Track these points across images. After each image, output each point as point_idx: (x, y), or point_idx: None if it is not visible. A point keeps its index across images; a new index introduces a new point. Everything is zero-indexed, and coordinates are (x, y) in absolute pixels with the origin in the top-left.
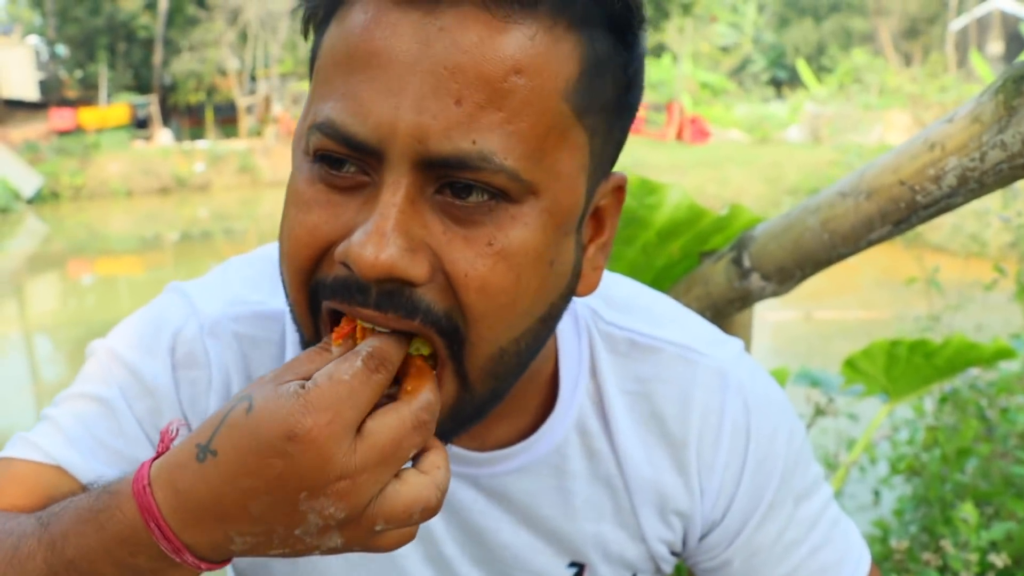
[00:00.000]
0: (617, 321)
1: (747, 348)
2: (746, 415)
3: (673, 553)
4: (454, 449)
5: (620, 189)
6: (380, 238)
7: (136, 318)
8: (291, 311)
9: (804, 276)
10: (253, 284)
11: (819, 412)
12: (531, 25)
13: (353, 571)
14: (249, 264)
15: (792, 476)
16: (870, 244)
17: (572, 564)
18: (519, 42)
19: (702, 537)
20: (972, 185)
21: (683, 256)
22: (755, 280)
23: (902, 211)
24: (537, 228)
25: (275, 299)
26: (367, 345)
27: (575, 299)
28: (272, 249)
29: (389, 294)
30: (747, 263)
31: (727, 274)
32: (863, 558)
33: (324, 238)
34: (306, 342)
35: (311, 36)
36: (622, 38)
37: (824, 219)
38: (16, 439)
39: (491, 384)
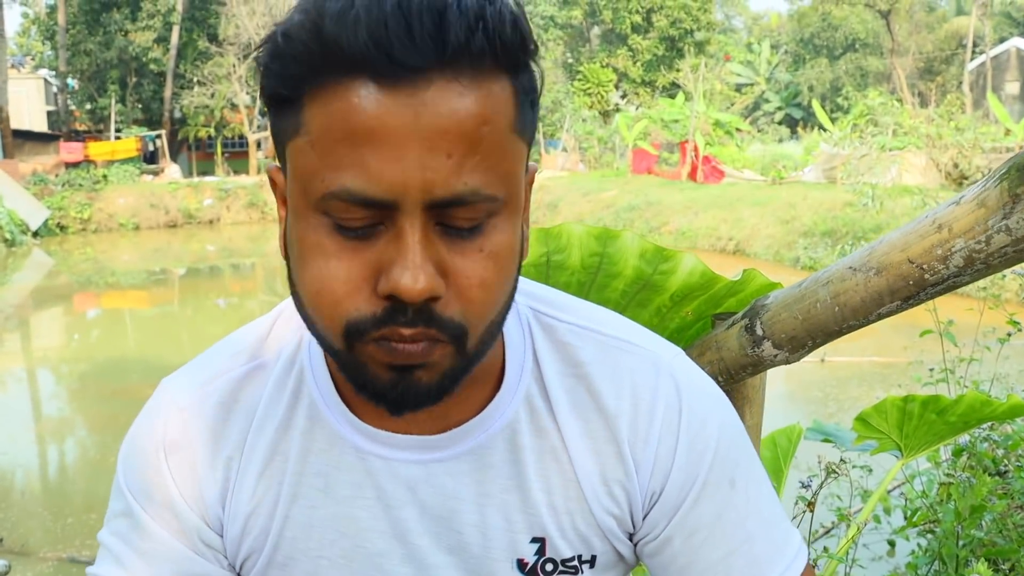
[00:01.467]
0: (558, 315)
1: (759, 406)
2: (678, 397)
3: (628, 535)
4: (413, 438)
5: (532, 173)
6: (417, 270)
7: (136, 424)
8: (329, 348)
9: (815, 345)
10: (217, 359)
11: (831, 472)
12: (485, 85)
13: (343, 573)
14: (220, 343)
15: (726, 460)
16: (880, 318)
17: (534, 540)
18: (481, 100)
19: (645, 515)
20: (978, 266)
21: (696, 319)
22: (768, 348)
23: (911, 288)
24: (508, 228)
25: (237, 363)
26: None
27: (516, 298)
28: (241, 330)
29: (420, 311)
30: (760, 331)
31: (740, 341)
32: (800, 556)
33: (357, 281)
34: (344, 366)
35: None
36: (529, 67)
37: (835, 292)
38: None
39: (481, 348)
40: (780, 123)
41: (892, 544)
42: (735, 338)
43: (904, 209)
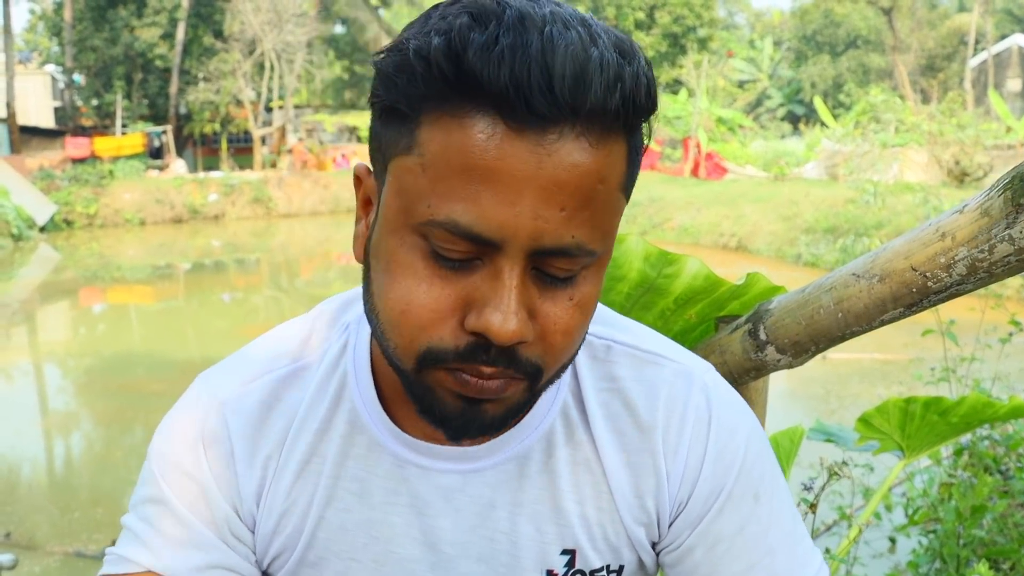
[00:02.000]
0: (595, 331)
1: (762, 408)
2: (708, 409)
3: (652, 545)
4: (451, 449)
5: None
6: (511, 315)
7: (170, 417)
8: (396, 365)
9: (819, 350)
10: (260, 357)
11: (833, 475)
12: (607, 144)
13: None
14: (260, 339)
15: (751, 473)
16: (882, 324)
17: (564, 552)
18: (601, 159)
19: (671, 523)
20: (981, 275)
21: (700, 321)
22: (771, 353)
23: (914, 295)
24: (597, 279)
25: (280, 365)
26: None
27: None
28: (286, 325)
29: (503, 351)
30: (763, 336)
31: (743, 345)
32: (821, 572)
33: (445, 310)
34: (411, 387)
35: (378, 114)
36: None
37: (838, 298)
38: (108, 556)
39: (548, 386)
40: (782, 119)
41: (893, 541)
42: (738, 342)
43: (906, 206)
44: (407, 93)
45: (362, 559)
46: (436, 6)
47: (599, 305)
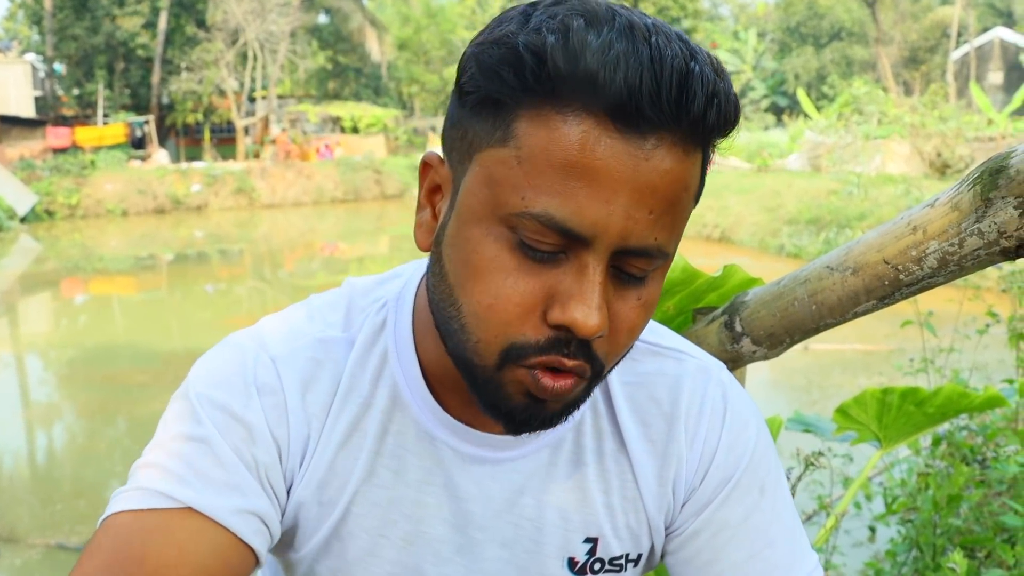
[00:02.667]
0: None
1: None
2: (723, 401)
3: (665, 529)
4: (488, 436)
5: None
6: (595, 310)
7: (211, 362)
8: (469, 361)
9: (793, 342)
10: (308, 320)
11: (810, 465)
12: (695, 154)
13: (399, 555)
14: (304, 306)
15: (759, 466)
16: (855, 316)
17: (587, 540)
18: (689, 168)
19: (682, 505)
20: (952, 268)
21: (677, 312)
22: (747, 344)
23: (886, 288)
24: (661, 280)
25: (330, 330)
26: None
27: None
28: (322, 297)
29: (582, 344)
30: (739, 328)
31: (719, 337)
32: (816, 573)
33: (531, 303)
34: (483, 383)
35: (468, 102)
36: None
37: (812, 291)
38: (118, 496)
39: (597, 383)
40: (766, 111)
41: (872, 530)
42: (715, 334)
43: (888, 198)
44: (511, 85)
45: (391, 536)
46: (534, 4)
47: None
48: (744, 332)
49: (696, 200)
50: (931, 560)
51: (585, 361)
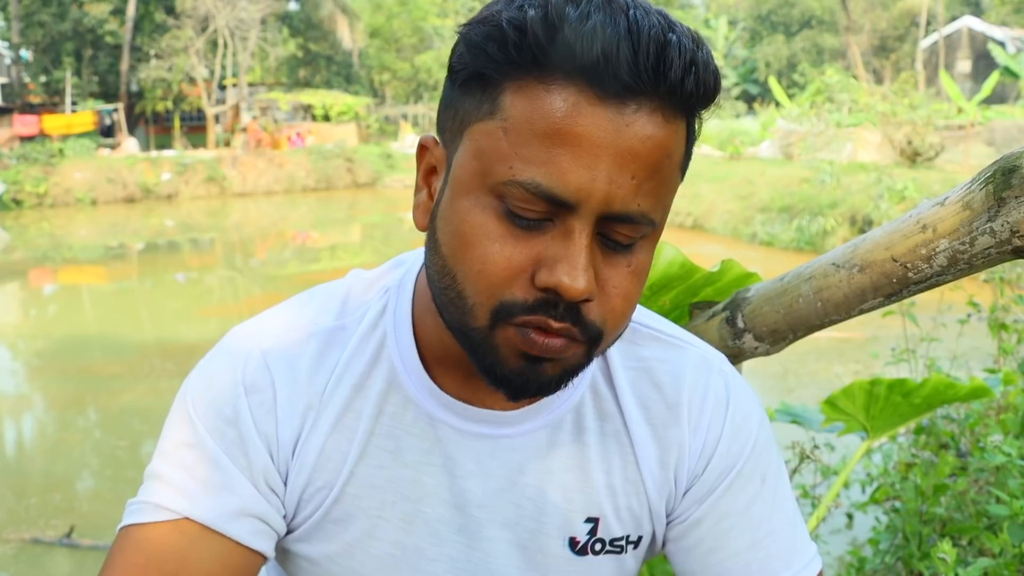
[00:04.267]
0: None
1: None
2: (726, 392)
3: (667, 515)
4: (486, 412)
5: None
6: (580, 272)
7: (207, 362)
8: (465, 324)
9: (796, 338)
10: (304, 311)
11: (804, 458)
12: (675, 121)
13: (399, 536)
14: (304, 296)
15: (760, 456)
16: (861, 312)
17: (588, 520)
18: (671, 135)
19: (685, 493)
20: (962, 266)
21: (674, 307)
22: (749, 340)
23: (894, 285)
24: (650, 250)
25: (324, 319)
26: None
27: None
28: (323, 287)
29: (569, 309)
30: (741, 323)
31: (720, 332)
32: (815, 562)
33: (518, 267)
34: (477, 346)
35: (458, 80)
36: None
37: (817, 287)
38: (131, 507)
39: (603, 351)
40: (737, 99)
41: (850, 517)
42: (716, 329)
43: (860, 185)
44: (496, 60)
45: (390, 517)
46: None
47: None
48: (746, 328)
49: (682, 173)
50: (916, 549)
51: (573, 324)
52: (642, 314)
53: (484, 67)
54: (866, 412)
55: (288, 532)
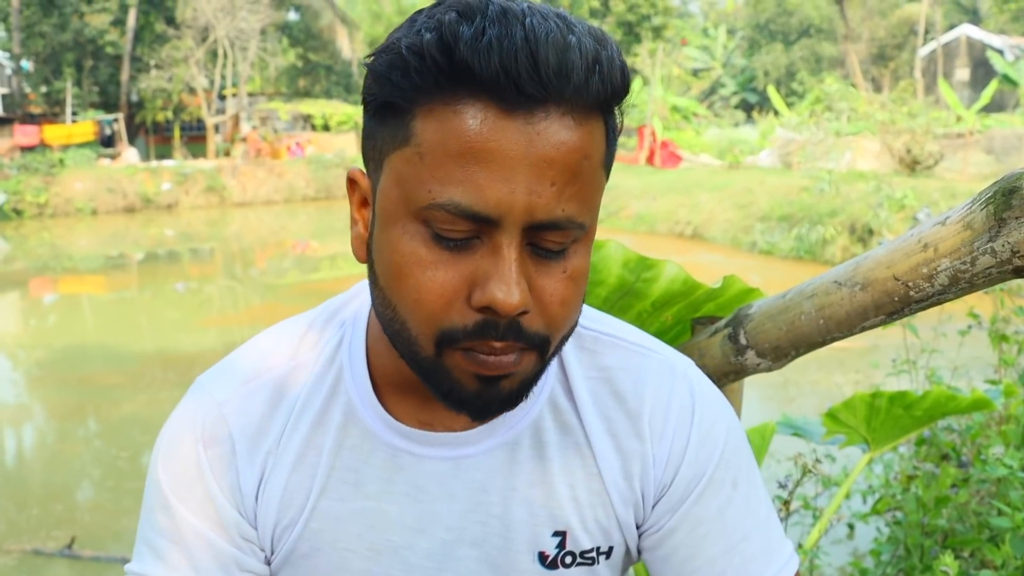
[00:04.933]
0: (584, 324)
1: (737, 407)
2: (691, 399)
3: (637, 527)
4: (445, 435)
5: None
6: (512, 286)
7: (170, 422)
8: (415, 354)
9: (798, 355)
10: (260, 356)
11: (807, 472)
12: (588, 123)
13: (368, 566)
14: (262, 336)
15: (730, 461)
16: (863, 330)
17: (556, 533)
18: (585, 137)
19: (654, 505)
20: (963, 285)
21: (676, 322)
22: (751, 357)
23: (896, 304)
24: (585, 253)
25: (279, 361)
26: None
27: None
28: (289, 322)
29: (510, 325)
30: (743, 340)
31: (723, 349)
32: (791, 562)
33: (452, 291)
34: (430, 373)
35: (371, 111)
36: (618, 108)
37: (819, 305)
38: (127, 574)
39: (553, 357)
40: (736, 107)
41: (852, 528)
42: (718, 346)
43: (859, 194)
44: (401, 87)
45: (356, 549)
46: (421, 10)
47: (584, 306)
48: (749, 344)
49: (607, 170)
50: (918, 561)
51: (516, 340)
52: (605, 322)
53: (391, 96)
54: (867, 424)
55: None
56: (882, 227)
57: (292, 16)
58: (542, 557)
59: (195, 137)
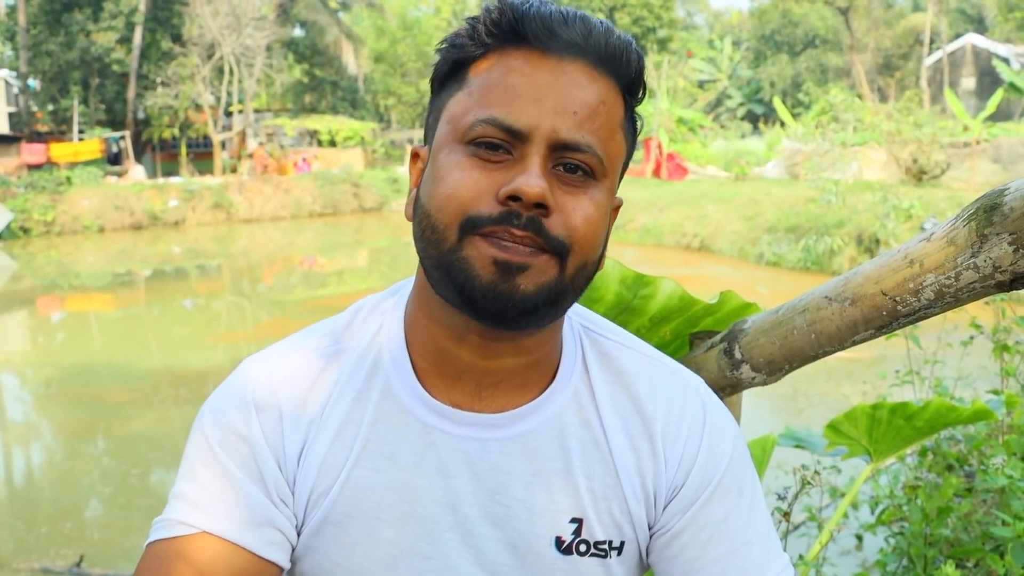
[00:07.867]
0: (605, 334)
1: (736, 420)
2: (703, 411)
3: (649, 526)
4: (477, 416)
5: (616, 209)
6: (536, 178)
7: (221, 389)
8: (439, 248)
9: (792, 369)
10: (307, 338)
11: (806, 484)
12: (606, 82)
13: (396, 536)
14: (300, 333)
15: (737, 470)
16: (854, 344)
17: (573, 520)
18: (603, 89)
19: (666, 506)
20: (948, 299)
21: (674, 337)
22: (746, 371)
23: (884, 318)
24: (604, 197)
25: (325, 343)
26: None
27: (570, 315)
28: (329, 319)
29: (532, 220)
30: (738, 355)
31: (719, 363)
32: (787, 571)
33: (484, 190)
34: (451, 264)
35: (447, 66)
36: (636, 105)
37: (811, 320)
38: (156, 524)
39: (575, 279)
40: (742, 119)
41: (860, 539)
42: (714, 360)
43: (866, 204)
44: (464, 46)
45: (386, 518)
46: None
47: (604, 319)
48: (744, 359)
49: (625, 133)
50: (922, 571)
51: (536, 235)
52: (624, 335)
53: (457, 56)
54: (869, 436)
55: (298, 540)
56: (889, 237)
57: (298, 32)
58: (559, 542)
59: (201, 154)
